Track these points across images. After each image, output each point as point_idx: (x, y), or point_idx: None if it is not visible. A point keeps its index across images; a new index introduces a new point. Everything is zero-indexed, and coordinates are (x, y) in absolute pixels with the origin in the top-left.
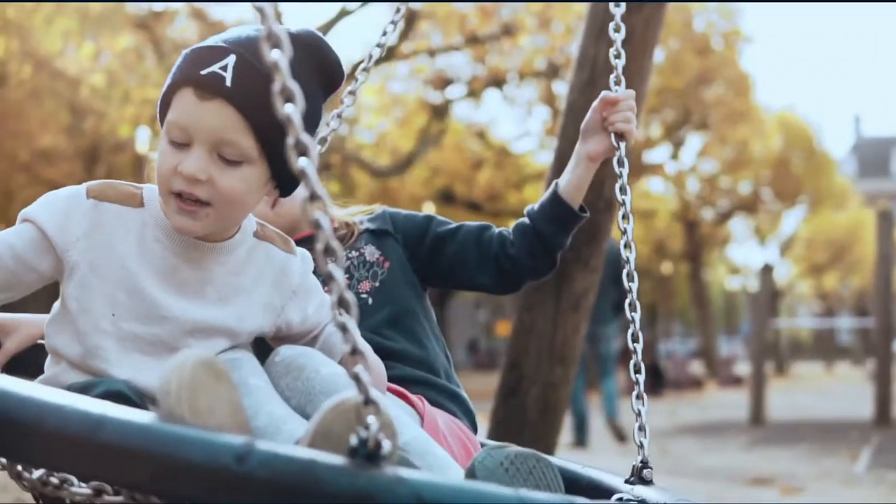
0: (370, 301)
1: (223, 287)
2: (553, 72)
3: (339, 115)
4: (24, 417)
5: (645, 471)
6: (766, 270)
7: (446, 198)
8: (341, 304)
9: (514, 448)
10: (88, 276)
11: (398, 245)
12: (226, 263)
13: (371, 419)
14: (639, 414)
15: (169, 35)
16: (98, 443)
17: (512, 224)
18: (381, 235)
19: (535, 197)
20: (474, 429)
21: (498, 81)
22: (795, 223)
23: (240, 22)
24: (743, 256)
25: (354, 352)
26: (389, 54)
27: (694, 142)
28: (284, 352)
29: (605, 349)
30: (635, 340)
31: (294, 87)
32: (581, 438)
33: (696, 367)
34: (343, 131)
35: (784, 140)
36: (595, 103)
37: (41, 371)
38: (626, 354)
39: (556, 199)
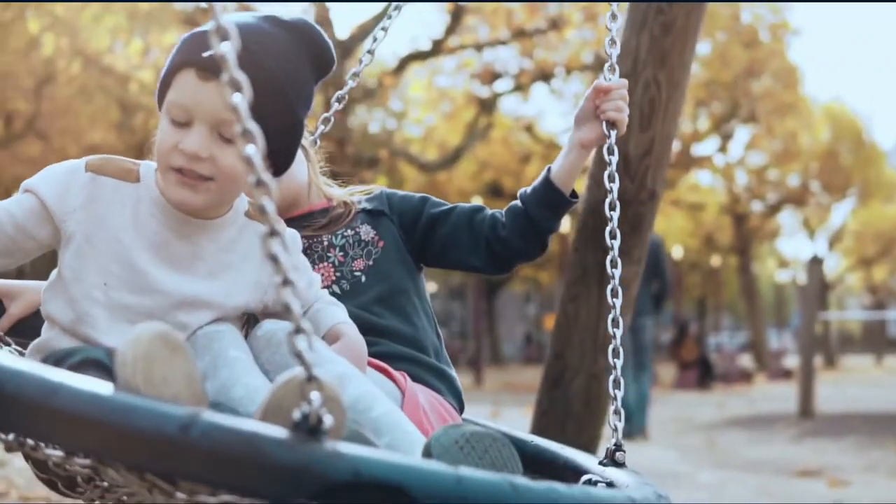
0: (363, 279)
1: (213, 263)
2: (600, 65)
3: (340, 99)
4: None
5: (618, 453)
6: (815, 262)
7: (494, 192)
8: (285, 284)
9: (470, 427)
10: (84, 247)
11: (393, 225)
12: (216, 240)
13: (314, 395)
14: (614, 398)
15: None
16: (52, 408)
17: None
18: (377, 215)
19: (583, 190)
20: (461, 408)
21: (545, 75)
22: (844, 215)
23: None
24: (793, 249)
25: (298, 331)
26: (436, 49)
27: (742, 134)
28: (266, 326)
29: (644, 340)
30: (615, 326)
31: (241, 77)
32: (629, 429)
33: (746, 361)
34: (391, 126)
35: (832, 132)
36: (588, 91)
37: None
38: (672, 346)
39: (547, 184)
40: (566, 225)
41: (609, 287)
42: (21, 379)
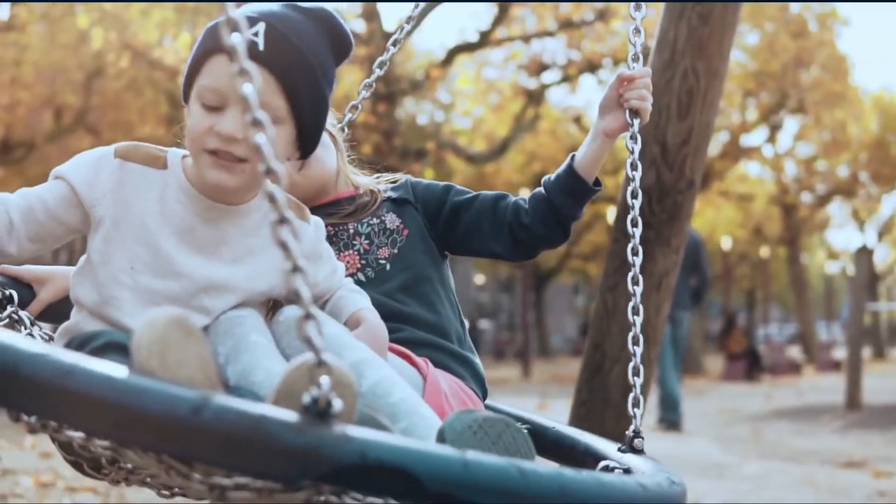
0: (388, 267)
1: (237, 248)
2: (647, 56)
3: (369, 85)
4: (2, 364)
5: (636, 440)
6: (863, 253)
7: None
8: (295, 271)
9: (483, 412)
10: (111, 231)
11: (417, 214)
12: (241, 226)
13: (323, 379)
14: (634, 386)
15: None
16: (66, 390)
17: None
18: (402, 204)
19: (621, 180)
20: (483, 394)
21: (593, 66)
22: (894, 206)
23: (336, 10)
24: (842, 240)
25: (307, 316)
26: (484, 40)
27: (791, 125)
28: (287, 311)
29: (681, 333)
30: (635, 314)
31: (251, 68)
32: (675, 418)
33: (795, 352)
34: (439, 118)
35: (882, 122)
36: (612, 80)
37: None
38: (720, 338)
39: (570, 172)
40: (610, 215)
41: (630, 275)
42: (37, 361)
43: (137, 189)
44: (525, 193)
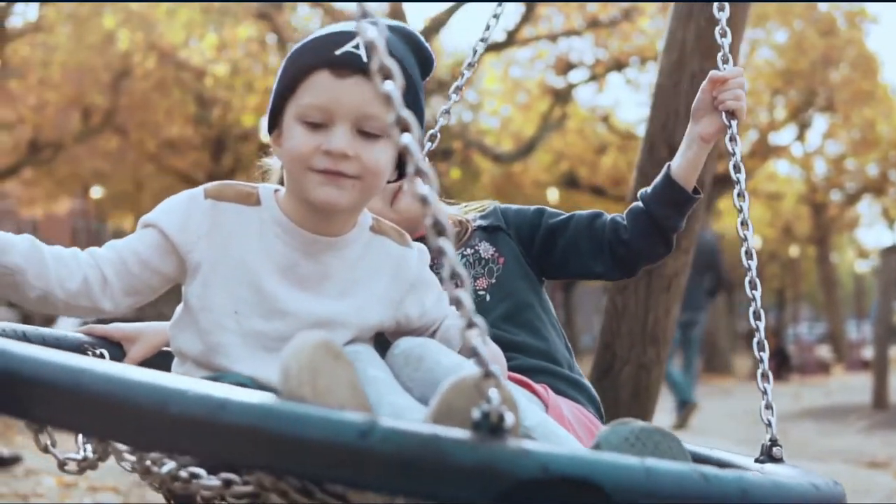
0: (487, 298)
1: (341, 281)
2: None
3: (447, 111)
4: (150, 403)
5: (774, 449)
6: (890, 251)
7: (570, 183)
8: (454, 277)
9: (638, 423)
10: (210, 275)
11: (511, 240)
12: (343, 258)
13: (493, 392)
14: (765, 392)
15: (292, 24)
16: (221, 424)
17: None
18: (494, 232)
19: (631, 182)
20: (600, 417)
21: (620, 65)
22: None
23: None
24: (872, 239)
25: (470, 325)
26: (510, 40)
27: (820, 123)
28: (403, 344)
29: (695, 335)
30: (757, 318)
31: (392, 64)
32: (685, 398)
33: (824, 351)
34: (466, 117)
35: None
36: (704, 83)
37: None
38: (749, 337)
39: (669, 181)
40: None
41: (747, 279)
42: (186, 397)
43: (234, 228)
44: (552, 193)
